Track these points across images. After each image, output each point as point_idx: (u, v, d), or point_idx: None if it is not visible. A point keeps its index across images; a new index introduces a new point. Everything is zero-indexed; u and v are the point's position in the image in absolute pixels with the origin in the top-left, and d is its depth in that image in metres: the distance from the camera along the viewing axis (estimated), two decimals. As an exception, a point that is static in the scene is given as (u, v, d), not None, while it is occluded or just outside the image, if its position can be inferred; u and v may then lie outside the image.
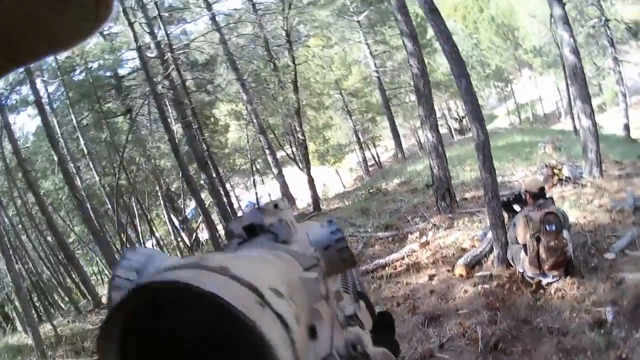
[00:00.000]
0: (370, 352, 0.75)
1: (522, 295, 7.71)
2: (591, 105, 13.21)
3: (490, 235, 9.26)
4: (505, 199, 8.83)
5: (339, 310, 0.78)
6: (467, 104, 8.98)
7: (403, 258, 10.84)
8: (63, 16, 0.41)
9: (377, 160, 46.94)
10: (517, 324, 6.95)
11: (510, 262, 8.35)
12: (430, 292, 8.84)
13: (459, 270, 9.17)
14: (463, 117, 48.23)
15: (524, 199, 8.10)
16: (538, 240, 7.45)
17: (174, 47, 24.55)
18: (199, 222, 32.04)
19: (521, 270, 7.96)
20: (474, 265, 9.27)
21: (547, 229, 7.34)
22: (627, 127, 31.68)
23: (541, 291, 7.62)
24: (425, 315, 7.95)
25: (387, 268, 10.57)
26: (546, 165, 14.16)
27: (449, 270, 9.58)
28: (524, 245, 7.69)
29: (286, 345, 0.45)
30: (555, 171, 13.22)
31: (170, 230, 32.17)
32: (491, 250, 9.23)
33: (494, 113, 61.69)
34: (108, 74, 30.56)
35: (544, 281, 7.66)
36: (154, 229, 31.88)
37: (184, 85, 25.48)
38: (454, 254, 10.20)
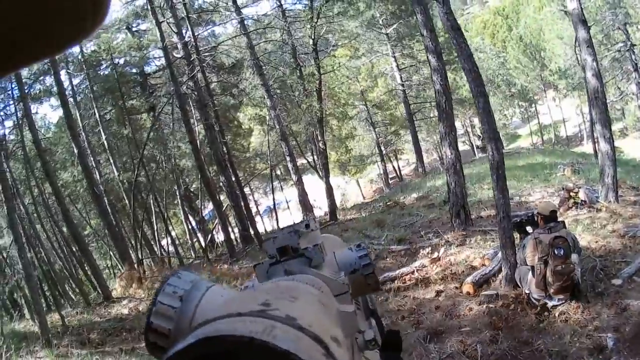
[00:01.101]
0: None
1: (525, 317, 7.70)
2: (610, 129, 13.12)
3: (500, 254, 9.28)
4: (518, 220, 8.81)
5: (358, 333, 0.77)
6: (483, 124, 9.01)
7: (413, 272, 10.86)
8: (60, 17, 0.40)
9: (398, 173, 46.99)
10: (518, 345, 6.96)
11: (518, 282, 8.34)
12: (435, 308, 8.87)
13: (467, 287, 9.20)
14: (486, 135, 48.14)
15: (536, 221, 8.10)
16: (546, 263, 7.44)
17: (201, 49, 24.69)
18: (215, 223, 32.19)
19: (527, 292, 7.96)
20: (482, 283, 9.29)
21: (556, 252, 7.34)
22: (646, 152, 31.66)
23: (545, 313, 7.62)
24: (428, 331, 7.98)
25: (396, 281, 10.59)
26: (563, 188, 14.13)
27: (456, 287, 9.61)
28: (532, 267, 7.68)
29: None
30: (572, 194, 13.18)
31: (187, 230, 32.29)
32: (500, 269, 9.24)
33: (517, 132, 61.51)
34: (134, 70, 30.94)
35: (549, 304, 7.66)
36: (170, 227, 31.98)
37: (209, 87, 25.63)
38: (463, 271, 10.22)
